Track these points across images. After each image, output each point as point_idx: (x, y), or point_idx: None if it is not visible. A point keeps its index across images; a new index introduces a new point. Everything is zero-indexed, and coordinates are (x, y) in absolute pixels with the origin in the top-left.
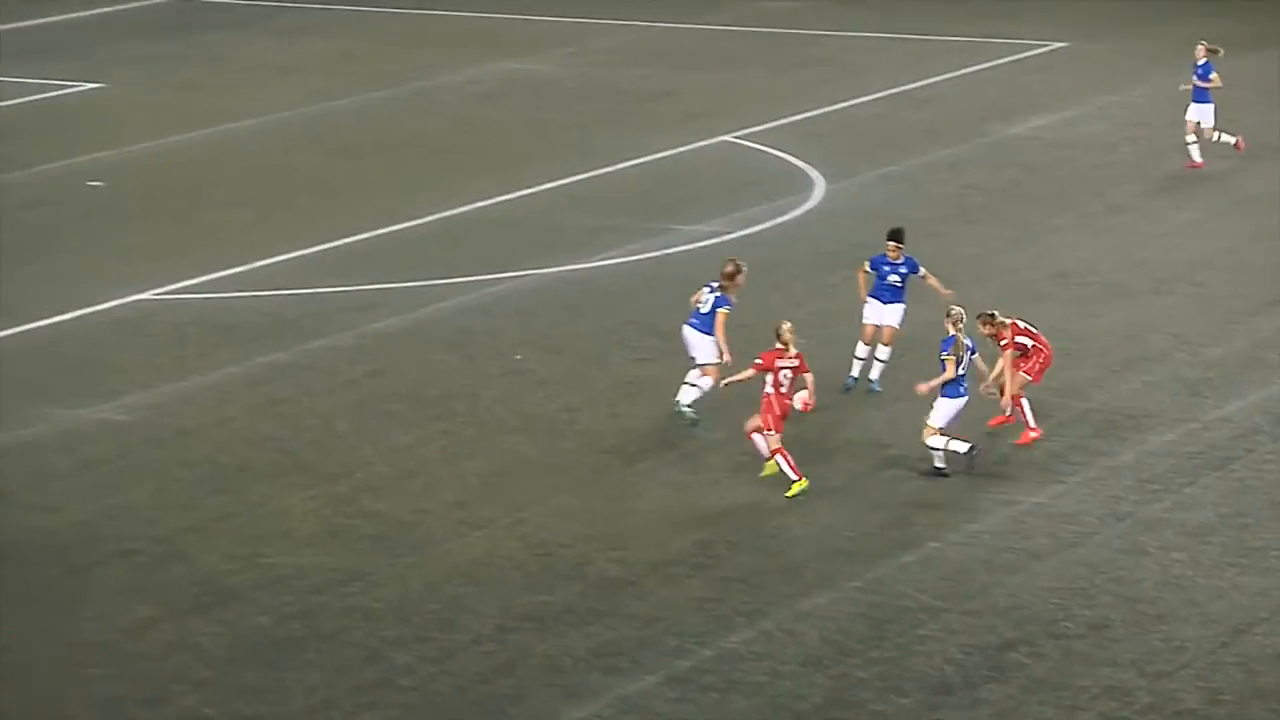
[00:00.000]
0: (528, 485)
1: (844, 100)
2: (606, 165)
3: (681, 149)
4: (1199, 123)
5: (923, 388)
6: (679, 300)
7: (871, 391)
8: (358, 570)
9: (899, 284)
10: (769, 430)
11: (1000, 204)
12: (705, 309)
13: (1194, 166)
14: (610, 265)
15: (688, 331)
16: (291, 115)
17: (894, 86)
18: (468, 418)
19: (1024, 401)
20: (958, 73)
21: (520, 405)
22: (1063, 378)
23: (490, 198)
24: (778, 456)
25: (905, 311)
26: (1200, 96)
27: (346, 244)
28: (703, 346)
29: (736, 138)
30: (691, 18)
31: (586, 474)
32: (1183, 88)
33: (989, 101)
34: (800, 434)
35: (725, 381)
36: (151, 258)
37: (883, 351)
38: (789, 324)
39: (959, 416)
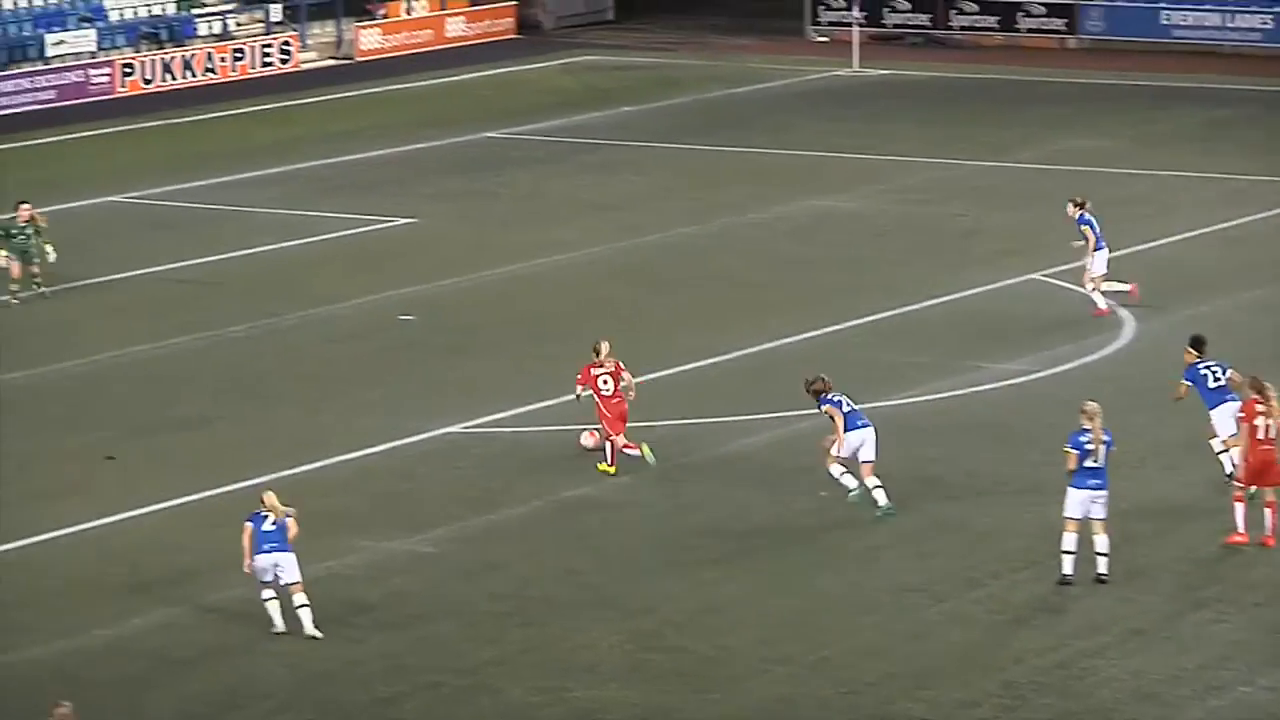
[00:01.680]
0: (831, 622)
1: (1153, 239)
2: (914, 302)
3: (990, 286)
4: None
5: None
6: (986, 439)
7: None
8: (662, 706)
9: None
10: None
11: None
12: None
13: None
14: (917, 403)
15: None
16: (602, 250)
17: (1204, 225)
18: (771, 554)
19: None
20: (1271, 212)
21: (825, 542)
22: None
23: (798, 334)
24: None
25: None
26: (1100, 244)
27: (656, 378)
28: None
29: (1045, 276)
30: (1001, 156)
31: (891, 612)
32: (1075, 246)
33: None
34: (1126, 559)
35: None
36: (461, 391)
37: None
38: (606, 343)
39: (1101, 505)
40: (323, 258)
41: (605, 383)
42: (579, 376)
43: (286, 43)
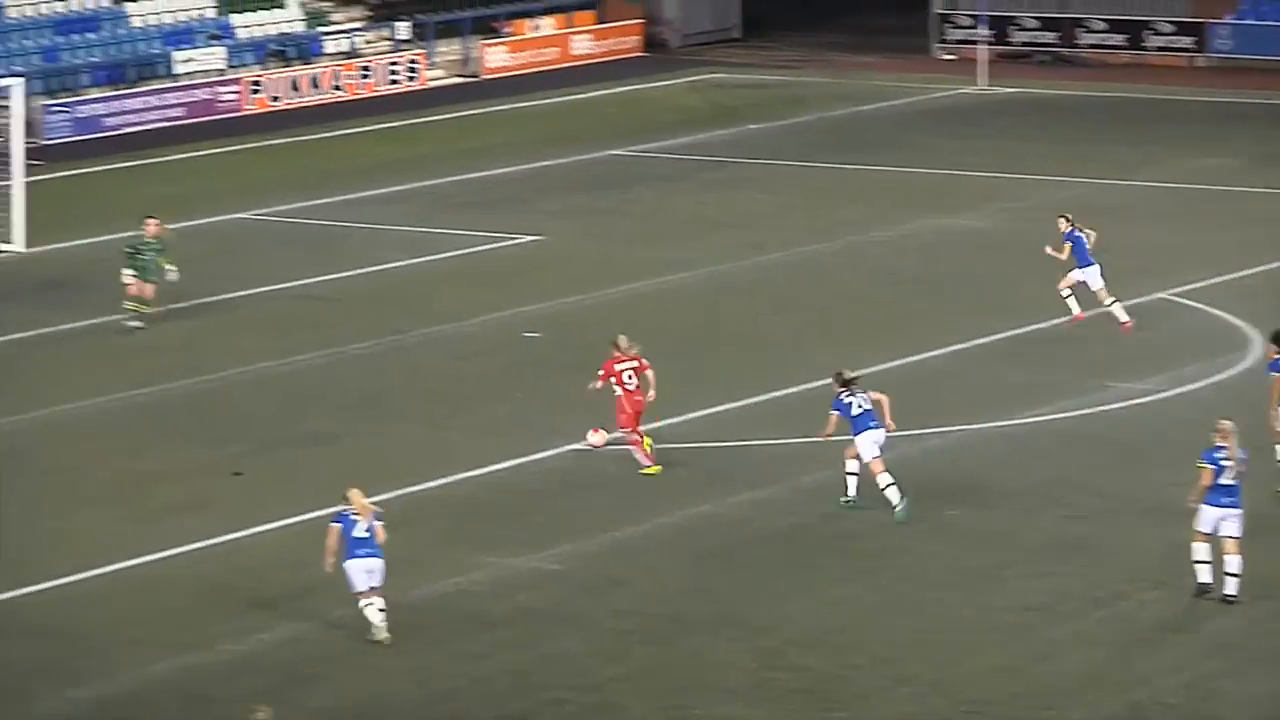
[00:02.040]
0: (956, 641)
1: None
2: (1040, 320)
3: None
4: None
5: (1190, 500)
6: (1114, 458)
7: None
8: None
9: None
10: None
11: None
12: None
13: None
14: (1045, 421)
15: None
16: (726, 268)
17: None
18: (897, 572)
19: None
20: None
21: (951, 560)
22: None
23: (923, 352)
24: (633, 449)
25: None
26: (1084, 260)
27: (780, 396)
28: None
29: (1173, 295)
30: (1128, 175)
31: (1015, 631)
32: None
33: None
34: (1256, 579)
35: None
36: (586, 408)
37: None
38: (625, 337)
39: (1234, 523)
40: (448, 275)
41: (629, 377)
42: (601, 371)
43: (413, 60)
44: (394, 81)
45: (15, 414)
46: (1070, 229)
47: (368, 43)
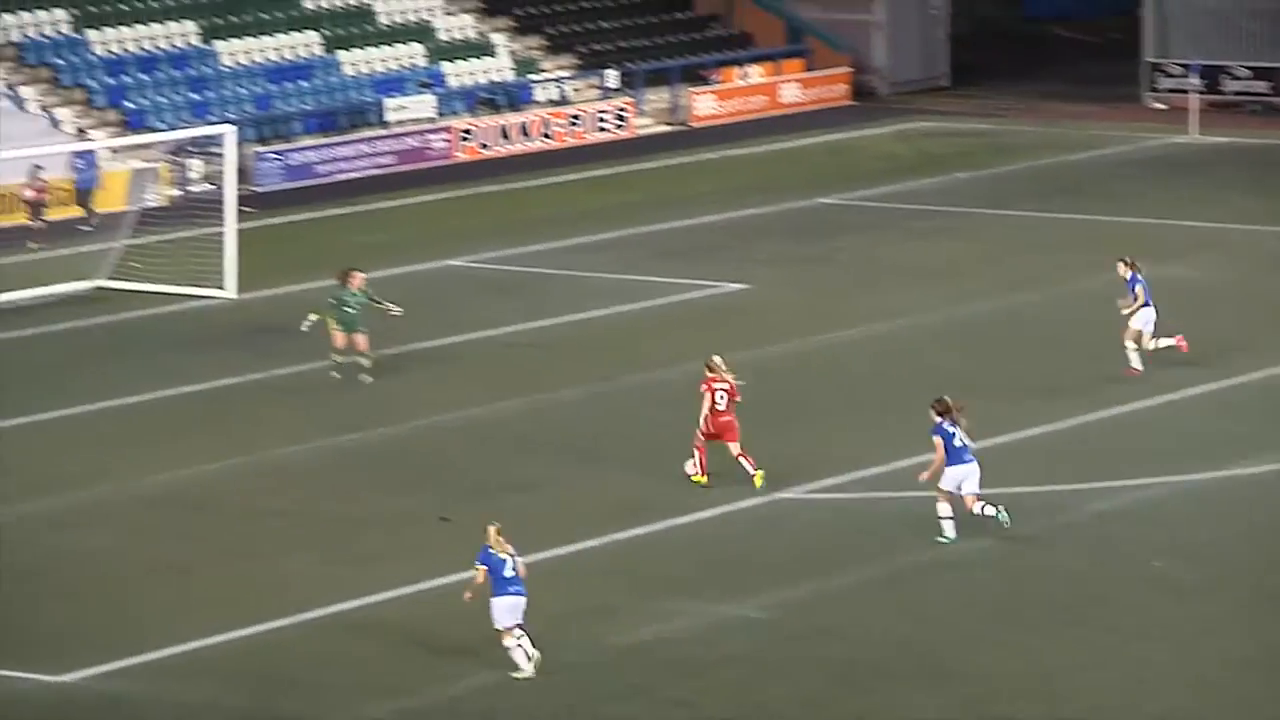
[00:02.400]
0: (1164, 694)
1: None
2: (1254, 371)
3: None
4: (1140, 331)
5: None
6: None
7: None
8: None
9: None
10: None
11: None
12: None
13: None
14: (1259, 473)
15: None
16: (934, 316)
17: None
18: (1102, 624)
19: None
20: None
21: (1157, 612)
22: None
23: (1130, 401)
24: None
25: None
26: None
27: (987, 445)
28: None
29: None
30: None
31: (1223, 685)
32: (1123, 310)
33: None
34: None
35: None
36: (792, 457)
37: None
38: (719, 357)
39: None
40: (655, 322)
41: (720, 398)
42: (703, 384)
43: (622, 108)
44: (603, 129)
45: (225, 458)
46: (1131, 273)
47: (577, 91)
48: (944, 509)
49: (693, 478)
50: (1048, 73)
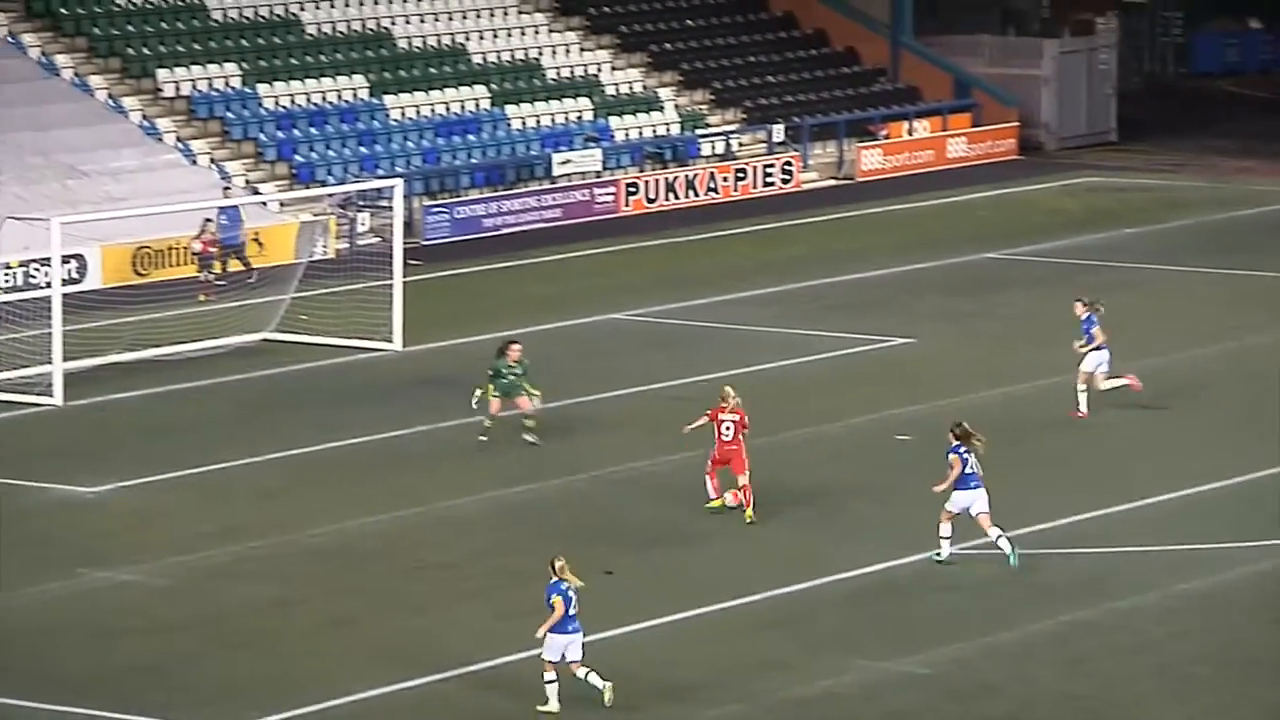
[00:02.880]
0: None
1: None
2: None
3: None
4: (1091, 373)
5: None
6: None
7: None
8: None
9: None
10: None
11: None
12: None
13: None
14: None
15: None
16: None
17: None
18: (1271, 683)
19: None
20: None
21: None
22: None
23: None
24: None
25: None
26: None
27: (1154, 502)
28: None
29: None
30: None
31: None
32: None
33: None
34: None
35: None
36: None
37: None
38: (730, 388)
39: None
40: (820, 376)
41: (727, 429)
42: (707, 414)
43: (788, 163)
44: (769, 184)
45: (393, 510)
46: (1088, 313)
47: (742, 145)
48: (945, 529)
49: (711, 503)
50: (1215, 128)
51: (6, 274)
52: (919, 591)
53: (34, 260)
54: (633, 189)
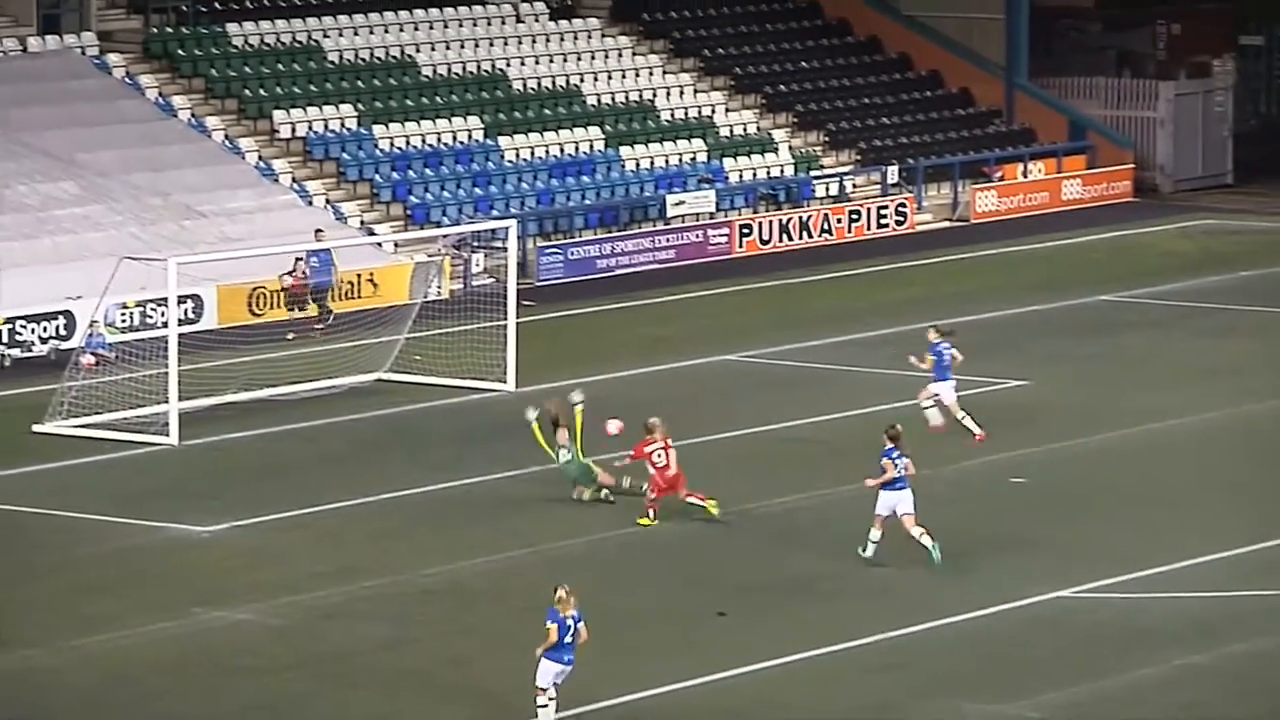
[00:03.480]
0: None
1: None
2: None
3: None
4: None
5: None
6: None
7: None
8: None
9: None
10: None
11: None
12: None
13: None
14: None
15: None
16: (1214, 416)
17: None
18: None
19: None
20: None
21: None
22: None
23: None
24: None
25: None
26: (941, 375)
27: (1269, 547)
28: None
29: None
30: None
31: None
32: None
33: None
34: None
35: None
36: (1072, 555)
37: None
38: (657, 419)
39: None
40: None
41: (659, 456)
42: (632, 453)
43: (902, 204)
44: (883, 225)
45: (505, 550)
46: (939, 342)
47: (857, 186)
48: (875, 534)
49: (642, 520)
50: None
51: (123, 314)
52: (1030, 634)
53: (150, 300)
54: (747, 230)
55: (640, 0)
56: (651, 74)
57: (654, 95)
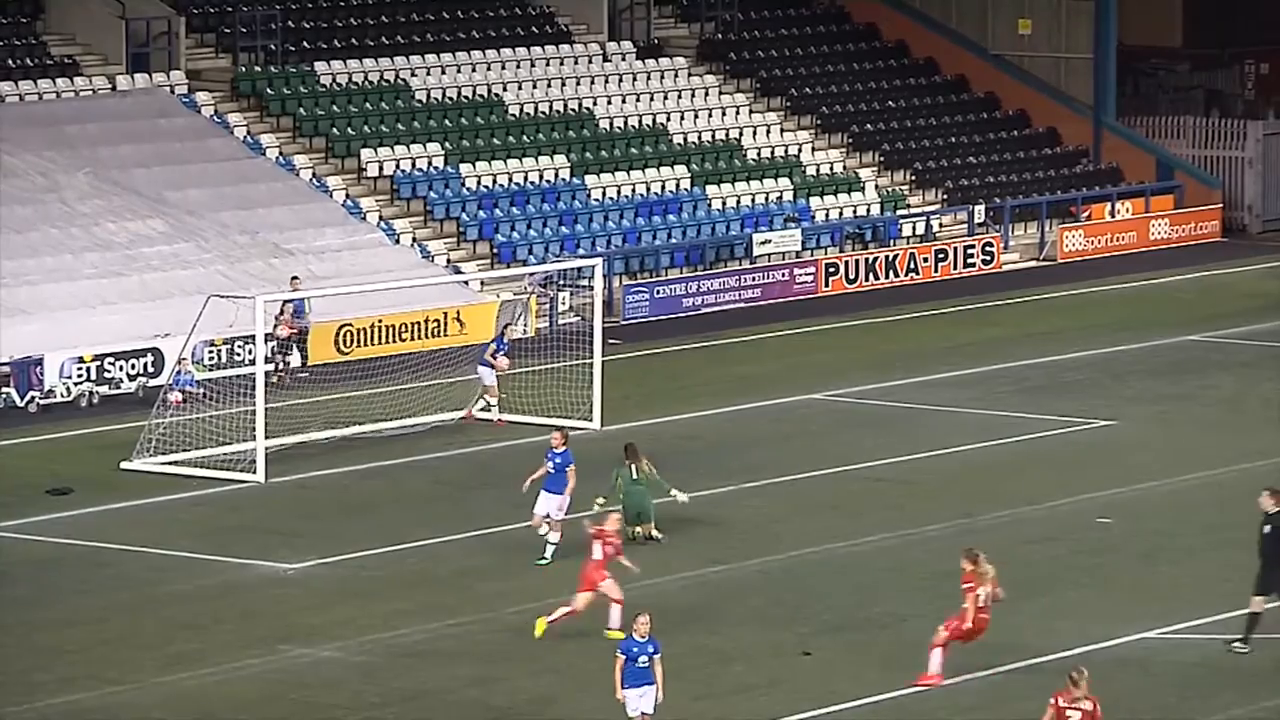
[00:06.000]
0: None
1: None
2: None
3: None
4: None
5: None
6: None
7: None
8: None
9: None
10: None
11: None
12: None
13: None
14: None
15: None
16: None
17: None
18: None
19: None
20: None
21: None
22: None
23: None
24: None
25: None
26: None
27: None
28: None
29: None
30: None
31: None
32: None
33: None
34: None
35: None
36: (1156, 597)
37: None
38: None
39: None
40: (1020, 458)
41: (598, 552)
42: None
43: (989, 244)
44: (969, 264)
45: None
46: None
47: (943, 226)
48: (549, 534)
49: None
50: None
51: (211, 351)
52: (1115, 677)
53: (238, 338)
54: (833, 269)
55: (727, 40)
56: (738, 113)
57: (740, 134)
